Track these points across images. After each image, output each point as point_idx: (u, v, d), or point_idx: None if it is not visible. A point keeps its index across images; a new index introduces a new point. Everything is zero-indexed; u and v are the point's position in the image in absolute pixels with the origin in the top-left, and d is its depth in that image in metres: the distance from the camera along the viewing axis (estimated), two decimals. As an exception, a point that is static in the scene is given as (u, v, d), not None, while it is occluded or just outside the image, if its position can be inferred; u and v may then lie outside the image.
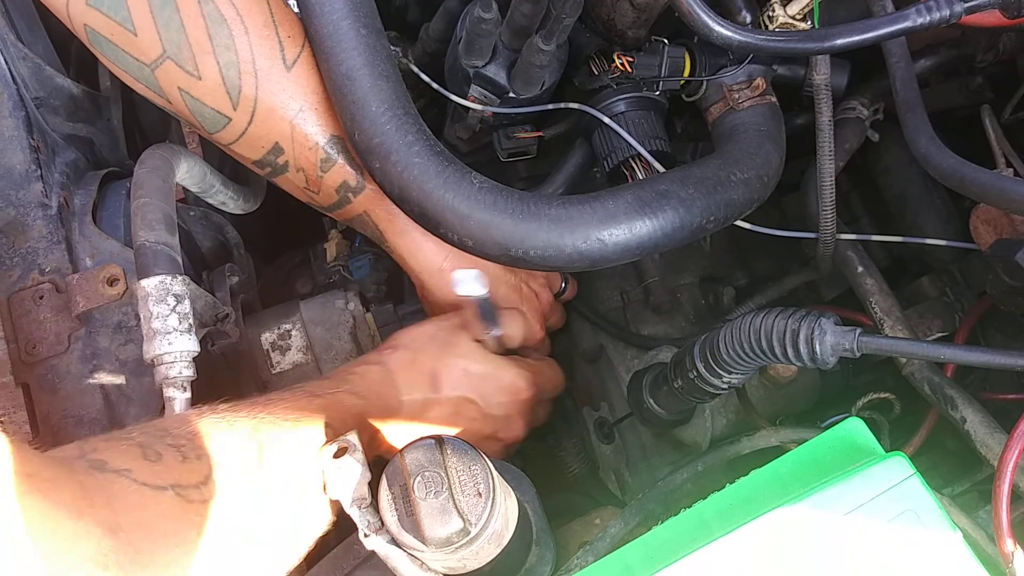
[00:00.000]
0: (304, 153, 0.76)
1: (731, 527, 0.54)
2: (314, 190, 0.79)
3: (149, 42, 0.71)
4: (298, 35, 0.75)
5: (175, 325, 0.65)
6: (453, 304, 0.82)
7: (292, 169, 0.77)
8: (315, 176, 0.77)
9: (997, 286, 0.68)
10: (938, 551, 0.52)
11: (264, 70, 0.72)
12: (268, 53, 0.72)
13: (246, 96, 0.72)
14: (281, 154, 0.76)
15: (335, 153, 0.76)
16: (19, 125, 0.78)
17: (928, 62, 0.87)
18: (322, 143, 0.75)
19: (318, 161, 0.76)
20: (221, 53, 0.71)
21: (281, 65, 0.73)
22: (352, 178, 0.77)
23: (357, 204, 0.79)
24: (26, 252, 0.75)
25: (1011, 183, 0.61)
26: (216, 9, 0.70)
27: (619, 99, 0.81)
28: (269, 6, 0.73)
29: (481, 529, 0.53)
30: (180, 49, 0.70)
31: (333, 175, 0.77)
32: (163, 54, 0.71)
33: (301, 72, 0.74)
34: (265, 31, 0.72)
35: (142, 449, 0.50)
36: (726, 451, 0.74)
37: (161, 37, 0.70)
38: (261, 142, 0.75)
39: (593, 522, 0.75)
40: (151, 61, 0.72)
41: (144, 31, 0.70)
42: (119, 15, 0.70)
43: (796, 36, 0.68)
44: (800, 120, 0.89)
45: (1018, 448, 0.58)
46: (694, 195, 0.70)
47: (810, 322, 0.61)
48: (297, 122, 0.74)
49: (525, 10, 0.74)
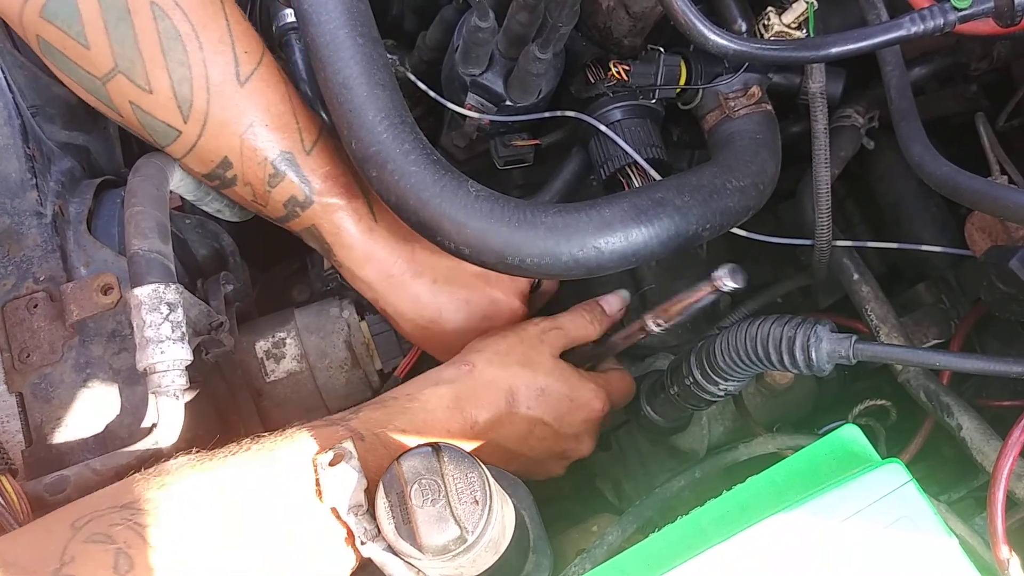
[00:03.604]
0: (252, 168, 0.76)
1: (728, 534, 0.54)
2: (262, 203, 0.79)
3: (101, 56, 0.71)
4: (255, 51, 0.75)
5: (168, 334, 0.65)
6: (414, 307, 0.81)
7: (240, 183, 0.77)
8: (263, 191, 0.77)
9: (992, 293, 0.68)
10: (934, 558, 0.52)
11: (217, 85, 0.72)
12: (222, 68, 0.72)
13: (197, 110, 0.72)
14: (230, 168, 0.76)
15: (284, 168, 0.76)
16: (15, 133, 0.78)
17: (923, 70, 0.88)
18: (271, 158, 0.75)
19: (266, 176, 0.76)
20: (174, 68, 0.71)
21: (234, 80, 0.73)
22: (300, 193, 0.77)
23: (304, 218, 0.79)
24: (20, 261, 0.75)
25: (1005, 191, 0.62)
26: (172, 25, 0.71)
27: (615, 107, 0.81)
28: (227, 21, 0.73)
29: (478, 537, 0.53)
30: (133, 64, 0.71)
31: (281, 190, 0.77)
32: (114, 68, 0.71)
33: (254, 88, 0.74)
34: (220, 47, 0.73)
35: (116, 558, 0.50)
36: (723, 458, 0.75)
37: (114, 52, 0.70)
38: (210, 156, 0.75)
39: (590, 529, 0.75)
40: (102, 75, 0.72)
41: (97, 45, 0.70)
42: (72, 29, 0.70)
43: (791, 45, 0.68)
44: (796, 128, 0.89)
45: (1013, 455, 0.58)
46: (690, 203, 0.70)
47: (806, 329, 0.61)
48: (247, 137, 0.74)
49: (521, 19, 0.74)
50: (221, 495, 0.57)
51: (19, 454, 0.68)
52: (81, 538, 0.51)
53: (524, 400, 0.74)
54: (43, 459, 0.68)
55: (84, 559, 0.50)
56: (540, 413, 0.75)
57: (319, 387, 0.86)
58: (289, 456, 0.60)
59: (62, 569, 0.49)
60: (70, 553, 0.50)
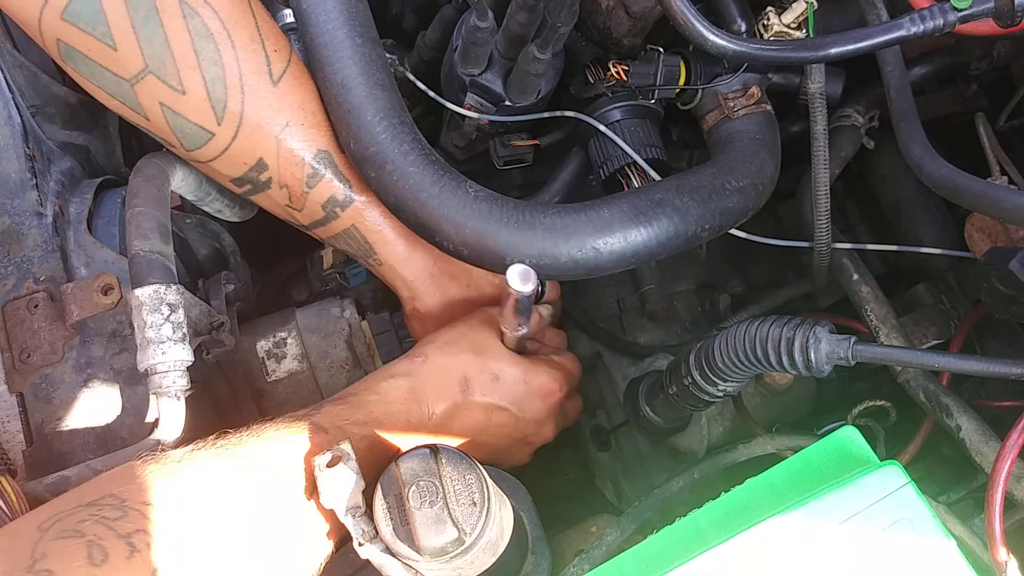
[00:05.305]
0: (290, 169, 0.74)
1: (726, 536, 0.54)
2: (297, 207, 0.77)
3: (130, 57, 0.69)
4: (284, 49, 0.74)
5: (169, 334, 0.65)
6: (445, 308, 0.82)
7: (275, 186, 0.76)
8: (300, 192, 0.76)
9: (991, 294, 0.68)
10: (932, 560, 0.52)
11: (251, 85, 0.71)
12: (255, 67, 0.71)
13: (232, 111, 0.71)
14: (264, 170, 0.74)
15: (322, 168, 0.75)
16: (15, 133, 0.78)
17: (923, 70, 0.88)
18: (308, 159, 0.74)
19: (304, 177, 0.75)
20: (207, 68, 0.70)
21: (268, 80, 0.72)
22: (340, 192, 0.76)
23: (345, 218, 0.78)
24: (21, 261, 0.75)
25: (1004, 192, 0.62)
26: (203, 23, 0.69)
27: (615, 107, 0.81)
28: (255, 20, 0.72)
29: (476, 538, 0.53)
30: (164, 64, 0.69)
31: (320, 191, 0.76)
32: (145, 68, 0.69)
33: (287, 87, 0.73)
34: (252, 45, 0.71)
35: (88, 549, 0.50)
36: (722, 459, 0.75)
37: (143, 52, 0.69)
38: (244, 158, 0.74)
39: (589, 530, 0.75)
40: (131, 76, 0.70)
41: (125, 46, 0.68)
42: (97, 30, 0.68)
43: (790, 45, 0.68)
44: (795, 128, 0.89)
45: (1011, 457, 0.58)
46: (689, 203, 0.70)
47: (805, 330, 0.61)
48: (283, 137, 0.73)
49: (521, 19, 0.74)
50: (187, 489, 0.57)
51: (19, 454, 0.68)
52: (50, 537, 0.50)
53: (478, 387, 0.74)
54: (43, 459, 0.69)
55: (56, 554, 0.49)
56: (496, 399, 0.75)
57: (320, 387, 0.86)
58: (256, 451, 0.60)
59: (35, 565, 0.48)
60: (41, 550, 0.49)
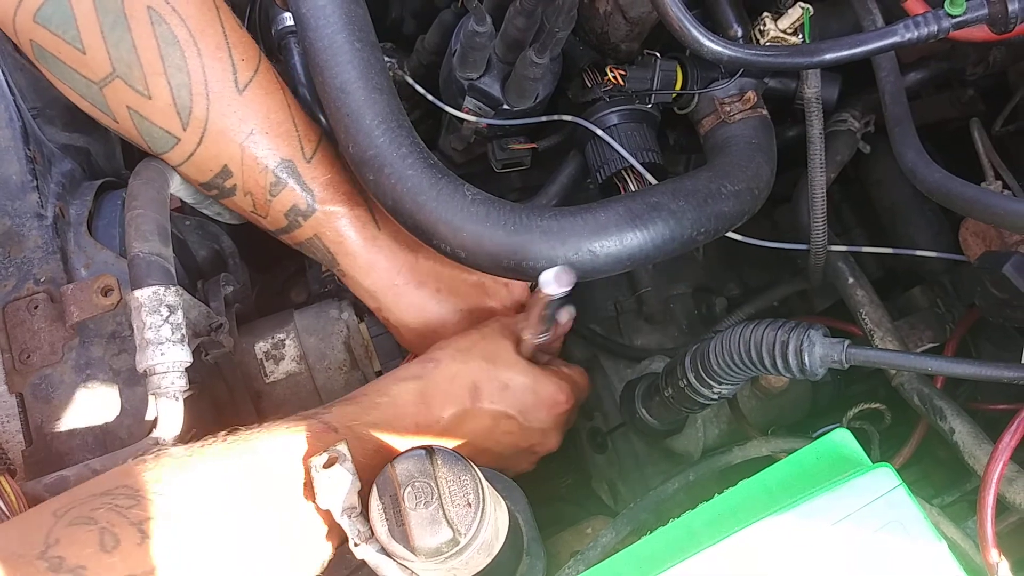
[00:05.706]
0: (253, 177, 0.75)
1: (719, 537, 0.55)
2: (262, 214, 0.78)
3: (98, 61, 0.70)
4: (252, 58, 0.75)
5: (168, 336, 0.65)
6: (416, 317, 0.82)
7: (240, 192, 0.77)
8: (264, 200, 0.76)
9: (985, 298, 0.68)
10: (924, 562, 0.53)
11: (216, 92, 0.72)
12: (220, 75, 0.72)
13: (196, 117, 0.72)
14: (229, 177, 0.75)
15: (285, 177, 0.76)
16: (16, 135, 0.79)
17: (919, 75, 0.88)
18: (272, 167, 0.75)
19: (267, 185, 0.76)
20: (173, 74, 0.71)
21: (233, 87, 0.73)
22: (302, 202, 0.77)
23: (307, 228, 0.79)
24: (21, 262, 0.75)
25: (996, 198, 0.62)
26: (169, 30, 0.70)
27: (612, 112, 0.82)
28: (223, 28, 0.73)
29: (471, 539, 0.53)
30: (131, 69, 0.70)
31: (282, 199, 0.77)
32: (112, 73, 0.70)
33: (253, 95, 0.74)
34: (218, 53, 0.72)
35: (100, 536, 0.51)
36: (718, 461, 0.75)
37: (111, 56, 0.70)
38: (209, 164, 0.75)
39: (584, 532, 0.75)
40: (99, 79, 0.71)
41: (93, 49, 0.70)
42: (67, 33, 0.69)
43: (786, 51, 0.69)
44: (792, 132, 0.89)
45: (1003, 460, 0.58)
46: (685, 207, 0.71)
47: (799, 334, 0.61)
48: (247, 145, 0.74)
49: (519, 23, 0.74)
50: (197, 481, 0.57)
51: (19, 454, 0.69)
52: (64, 523, 0.52)
53: (487, 394, 0.75)
54: (43, 459, 0.69)
55: (69, 540, 0.50)
56: (504, 407, 0.75)
57: (318, 388, 0.86)
58: (266, 448, 0.61)
59: (48, 551, 0.49)
60: (54, 536, 0.50)
